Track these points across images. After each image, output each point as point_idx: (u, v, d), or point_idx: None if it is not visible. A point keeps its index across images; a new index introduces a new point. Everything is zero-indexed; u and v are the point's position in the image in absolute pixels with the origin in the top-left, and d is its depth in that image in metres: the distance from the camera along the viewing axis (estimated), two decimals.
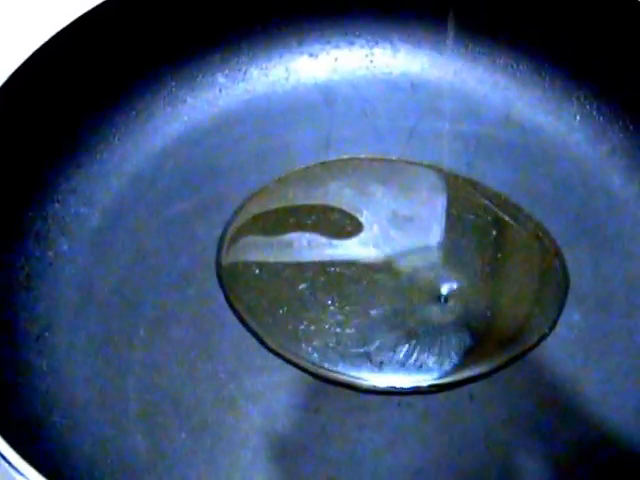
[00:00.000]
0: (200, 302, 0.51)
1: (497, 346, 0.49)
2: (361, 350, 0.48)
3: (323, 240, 0.53)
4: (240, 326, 0.50)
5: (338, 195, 0.55)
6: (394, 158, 0.56)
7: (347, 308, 0.50)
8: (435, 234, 0.53)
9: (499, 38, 0.59)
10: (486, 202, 0.54)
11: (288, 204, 0.54)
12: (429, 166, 0.56)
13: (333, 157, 0.57)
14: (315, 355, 0.48)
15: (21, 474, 0.39)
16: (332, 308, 0.50)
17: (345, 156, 0.57)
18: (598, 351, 0.49)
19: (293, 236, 0.53)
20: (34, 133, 0.52)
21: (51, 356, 0.48)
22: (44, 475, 0.39)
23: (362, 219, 0.54)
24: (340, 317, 0.49)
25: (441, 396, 0.47)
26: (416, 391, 0.47)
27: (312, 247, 0.52)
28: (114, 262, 0.52)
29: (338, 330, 0.49)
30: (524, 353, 0.49)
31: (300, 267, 0.52)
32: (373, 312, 0.50)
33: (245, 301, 0.50)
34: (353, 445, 0.46)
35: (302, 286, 0.51)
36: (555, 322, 0.50)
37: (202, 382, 0.48)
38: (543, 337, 0.49)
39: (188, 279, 0.51)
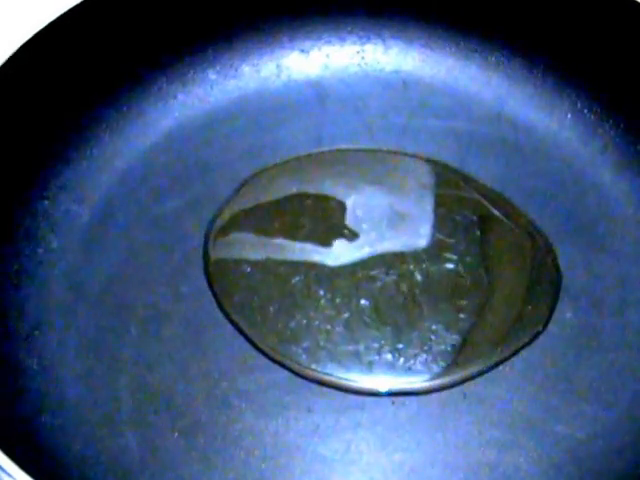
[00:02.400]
0: (192, 300, 0.50)
1: (489, 345, 0.49)
2: (351, 349, 0.48)
3: (314, 237, 0.52)
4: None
5: (328, 190, 0.54)
6: (385, 149, 0.56)
7: (338, 307, 0.49)
8: (426, 230, 0.53)
9: (491, 35, 0.59)
10: (478, 198, 0.54)
11: (278, 198, 0.54)
12: (422, 158, 0.56)
13: None
14: (304, 356, 0.48)
15: (9, 475, 0.38)
16: (325, 308, 0.49)
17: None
18: (591, 348, 0.49)
19: (284, 233, 0.52)
20: (24, 129, 0.52)
21: (41, 355, 0.48)
22: (33, 477, 0.38)
23: (352, 214, 0.53)
24: (330, 316, 0.49)
25: (434, 395, 0.47)
26: (407, 392, 0.47)
27: (303, 244, 0.52)
28: (104, 259, 0.52)
29: (328, 330, 0.49)
30: (517, 351, 0.48)
31: (290, 265, 0.51)
32: (364, 311, 0.49)
33: (234, 299, 0.50)
34: (346, 444, 0.46)
35: (293, 284, 0.50)
36: (547, 320, 0.49)
37: (194, 381, 0.47)
38: (536, 335, 0.49)
39: (179, 276, 0.51)
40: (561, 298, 0.50)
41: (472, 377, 0.48)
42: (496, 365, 0.48)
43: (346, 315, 0.49)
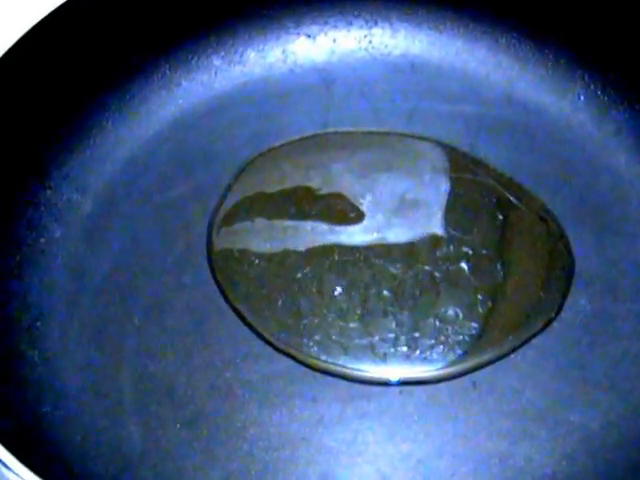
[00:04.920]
0: (195, 289, 0.50)
1: (502, 332, 0.48)
2: (364, 342, 0.47)
3: (321, 225, 0.52)
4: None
5: (336, 175, 0.54)
6: (395, 132, 0.56)
7: (350, 298, 0.49)
8: (439, 217, 0.52)
9: (501, 16, 0.58)
10: (492, 182, 0.53)
11: (283, 184, 0.54)
12: (432, 141, 0.55)
13: None
14: (315, 348, 0.47)
15: (7, 467, 0.38)
16: (334, 299, 0.49)
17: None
18: (605, 336, 0.48)
19: (290, 221, 0.52)
20: (25, 118, 0.52)
21: (43, 345, 0.48)
22: (32, 469, 0.38)
23: (364, 201, 0.53)
24: (342, 308, 0.49)
25: (443, 384, 0.47)
26: (415, 381, 0.47)
27: (309, 234, 0.51)
28: (107, 249, 0.51)
29: (341, 322, 0.48)
30: (529, 339, 0.48)
31: (299, 255, 0.51)
32: (377, 302, 0.49)
33: (239, 289, 0.49)
34: (353, 435, 0.45)
35: (302, 275, 0.50)
36: (560, 306, 0.49)
37: (197, 371, 0.47)
38: (548, 322, 0.48)
39: (183, 266, 0.51)
40: (574, 284, 0.50)
41: (482, 366, 0.47)
42: (507, 353, 0.47)
43: (360, 309, 0.49)
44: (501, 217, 0.52)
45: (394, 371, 0.47)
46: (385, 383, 0.47)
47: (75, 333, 0.48)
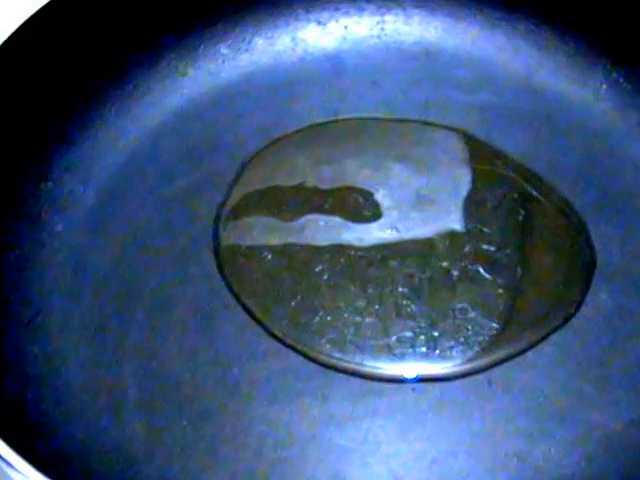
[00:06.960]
0: (201, 283, 0.49)
1: (520, 329, 0.47)
2: (381, 342, 0.47)
3: (337, 220, 0.51)
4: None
5: (348, 166, 0.53)
6: (410, 119, 0.55)
7: (365, 296, 0.48)
8: (456, 211, 0.51)
9: (519, 2, 0.57)
10: (509, 174, 0.52)
11: (294, 176, 0.53)
12: (451, 129, 0.54)
13: None
14: (329, 346, 0.47)
15: (9, 465, 0.38)
16: (348, 296, 0.48)
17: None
18: (626, 332, 0.47)
19: (301, 215, 0.51)
20: (25, 108, 0.51)
21: (43, 341, 0.47)
22: (34, 466, 0.37)
23: (377, 196, 0.52)
24: (357, 306, 0.48)
25: (458, 381, 0.46)
26: (429, 379, 0.46)
27: (321, 229, 0.51)
28: (110, 243, 0.51)
29: (357, 320, 0.47)
30: (547, 335, 0.47)
31: (313, 251, 0.50)
32: (393, 301, 0.48)
33: (247, 285, 0.49)
34: (364, 433, 0.45)
35: (314, 271, 0.49)
36: (581, 302, 0.48)
37: (203, 367, 0.46)
38: (568, 318, 0.47)
39: (188, 259, 0.50)
40: (595, 278, 0.49)
41: (499, 363, 0.46)
42: (525, 350, 0.46)
43: (375, 305, 0.48)
44: (520, 210, 0.51)
45: (410, 369, 0.46)
46: (399, 380, 0.46)
47: (77, 328, 0.48)
